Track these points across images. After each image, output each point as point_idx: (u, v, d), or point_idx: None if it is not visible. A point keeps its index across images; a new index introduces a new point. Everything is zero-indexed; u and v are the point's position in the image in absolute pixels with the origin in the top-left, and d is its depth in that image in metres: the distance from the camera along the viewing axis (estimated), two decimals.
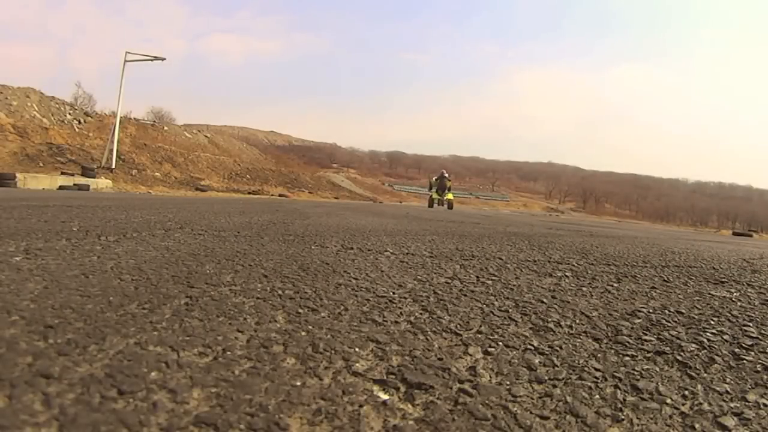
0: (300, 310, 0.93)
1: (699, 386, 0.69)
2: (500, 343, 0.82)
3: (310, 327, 0.82)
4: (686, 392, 0.67)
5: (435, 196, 19.30)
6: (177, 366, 0.61)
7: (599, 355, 0.79)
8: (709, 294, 1.41)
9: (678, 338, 0.92)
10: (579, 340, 0.86)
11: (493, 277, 1.47)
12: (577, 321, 1.00)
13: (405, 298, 1.11)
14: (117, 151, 19.59)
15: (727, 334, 0.97)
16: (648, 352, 0.83)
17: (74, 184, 13.33)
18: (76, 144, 20.91)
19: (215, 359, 0.64)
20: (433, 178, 20.26)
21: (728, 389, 0.69)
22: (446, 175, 19.79)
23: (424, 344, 0.78)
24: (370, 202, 29.08)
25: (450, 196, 18.92)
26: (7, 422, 0.45)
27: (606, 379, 0.69)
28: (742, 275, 1.88)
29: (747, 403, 0.64)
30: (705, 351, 0.85)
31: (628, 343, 0.87)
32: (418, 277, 1.40)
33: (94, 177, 15.73)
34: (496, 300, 1.15)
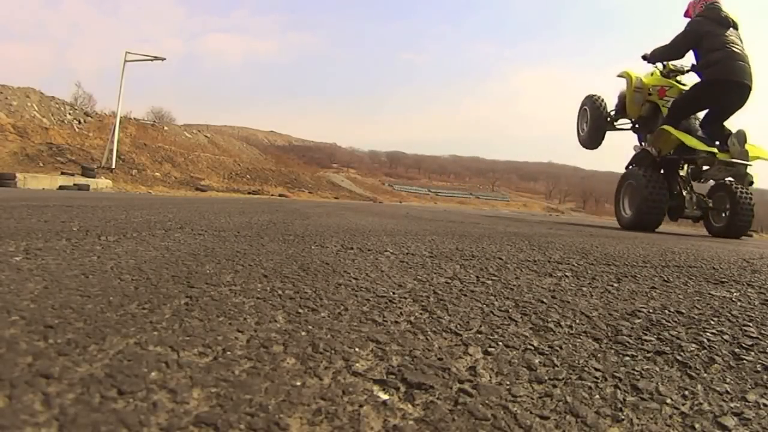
0: (300, 310, 0.93)
1: (699, 386, 0.69)
2: (500, 343, 0.82)
3: (310, 327, 0.82)
4: (686, 392, 0.66)
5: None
6: (177, 366, 0.61)
7: (599, 355, 0.79)
8: (709, 294, 1.41)
9: (678, 338, 0.92)
10: (579, 340, 0.86)
11: (493, 277, 1.47)
12: (577, 321, 1.00)
13: (405, 298, 1.11)
14: (117, 151, 19.59)
15: (727, 334, 0.97)
16: (648, 352, 0.83)
17: (74, 184, 13.33)
18: (76, 144, 20.90)
19: (215, 359, 0.64)
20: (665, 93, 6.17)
21: (728, 389, 0.69)
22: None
23: (424, 344, 0.78)
24: (370, 202, 29.05)
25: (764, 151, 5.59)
26: (7, 422, 0.45)
27: (606, 379, 0.69)
28: (742, 275, 1.88)
29: (747, 403, 0.64)
30: (705, 351, 0.85)
31: (628, 343, 0.87)
32: (418, 277, 1.40)
33: (94, 177, 15.74)
34: (496, 300, 1.15)
